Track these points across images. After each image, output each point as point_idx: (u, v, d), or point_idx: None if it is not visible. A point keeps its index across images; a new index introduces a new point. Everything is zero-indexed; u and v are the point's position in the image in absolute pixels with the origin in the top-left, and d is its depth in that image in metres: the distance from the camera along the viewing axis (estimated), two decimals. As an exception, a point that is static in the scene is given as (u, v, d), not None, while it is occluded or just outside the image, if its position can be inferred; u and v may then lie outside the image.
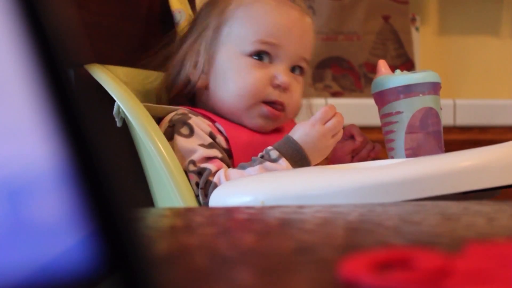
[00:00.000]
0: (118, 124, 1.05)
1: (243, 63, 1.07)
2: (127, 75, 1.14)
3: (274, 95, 1.07)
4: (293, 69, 1.10)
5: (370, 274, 0.30)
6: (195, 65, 1.11)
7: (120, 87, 1.06)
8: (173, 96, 1.14)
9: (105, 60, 1.13)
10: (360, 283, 0.30)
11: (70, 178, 0.25)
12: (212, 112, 1.10)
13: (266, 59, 1.08)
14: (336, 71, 2.00)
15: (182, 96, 1.14)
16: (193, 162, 1.02)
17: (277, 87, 1.07)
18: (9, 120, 0.25)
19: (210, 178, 1.00)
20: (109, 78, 1.06)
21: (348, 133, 1.14)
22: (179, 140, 1.04)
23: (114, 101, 1.05)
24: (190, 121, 1.05)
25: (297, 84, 1.10)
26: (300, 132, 1.03)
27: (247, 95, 1.07)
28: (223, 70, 1.09)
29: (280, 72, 1.07)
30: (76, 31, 0.26)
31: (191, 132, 1.04)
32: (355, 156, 1.15)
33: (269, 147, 1.02)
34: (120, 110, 1.04)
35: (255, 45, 1.07)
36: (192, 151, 1.03)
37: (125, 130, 1.07)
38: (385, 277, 0.30)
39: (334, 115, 1.03)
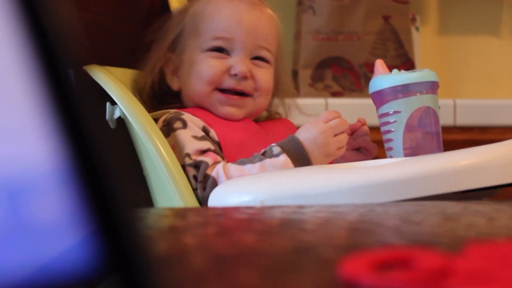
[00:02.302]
0: (112, 126, 1.06)
1: (202, 57, 1.13)
2: (126, 76, 1.15)
3: (230, 83, 1.12)
4: (255, 59, 1.14)
5: (370, 274, 0.30)
6: (173, 72, 1.16)
7: (119, 87, 1.06)
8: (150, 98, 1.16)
9: (105, 60, 1.13)
10: (360, 283, 0.30)
11: (70, 178, 0.25)
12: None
13: (224, 53, 1.13)
14: (336, 71, 2.00)
15: (160, 98, 1.17)
16: (188, 155, 1.04)
17: (235, 76, 1.12)
18: (9, 120, 0.25)
19: (208, 172, 1.02)
20: (109, 79, 1.06)
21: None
22: (177, 132, 1.07)
23: (114, 101, 1.05)
24: (183, 116, 1.09)
25: (259, 70, 1.14)
26: (303, 131, 1.06)
27: (203, 81, 1.12)
28: (188, 69, 1.14)
29: (236, 63, 1.12)
30: (76, 31, 0.26)
31: (184, 125, 1.08)
32: (351, 135, 1.16)
33: (273, 144, 1.05)
34: (120, 111, 1.05)
35: (210, 41, 1.13)
36: (186, 143, 1.05)
37: (125, 130, 1.07)
38: (385, 277, 0.30)
39: (337, 117, 1.06)
